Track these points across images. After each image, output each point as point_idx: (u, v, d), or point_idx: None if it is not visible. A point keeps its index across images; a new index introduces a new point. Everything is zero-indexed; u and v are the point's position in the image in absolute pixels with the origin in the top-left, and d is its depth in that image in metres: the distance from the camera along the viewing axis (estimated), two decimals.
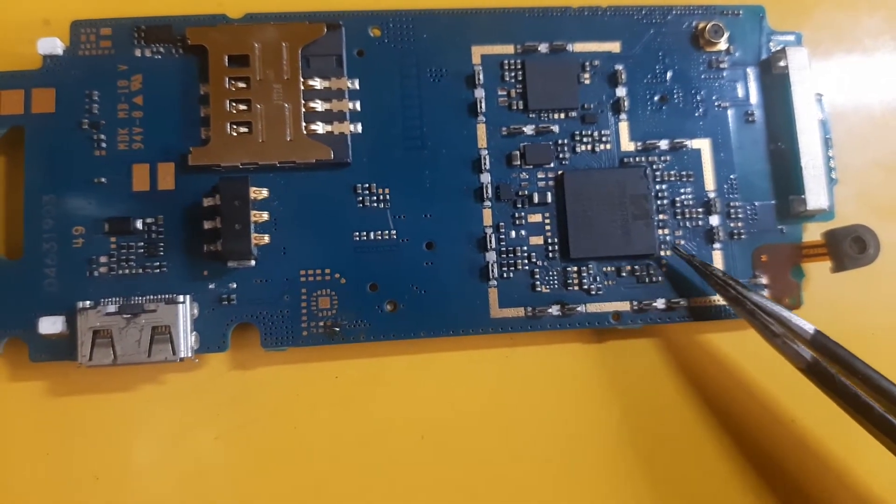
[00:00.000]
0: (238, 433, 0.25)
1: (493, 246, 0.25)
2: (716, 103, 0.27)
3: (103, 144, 0.25)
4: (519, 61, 0.26)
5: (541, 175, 0.26)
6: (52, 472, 0.24)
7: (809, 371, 0.21)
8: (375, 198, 0.25)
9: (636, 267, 0.26)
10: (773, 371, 0.26)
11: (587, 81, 0.27)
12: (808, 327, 0.22)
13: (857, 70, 0.30)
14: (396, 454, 0.25)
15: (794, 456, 0.26)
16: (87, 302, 0.23)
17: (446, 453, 0.25)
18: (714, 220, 0.26)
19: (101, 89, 0.25)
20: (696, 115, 0.27)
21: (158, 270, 0.24)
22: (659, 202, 0.26)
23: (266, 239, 0.24)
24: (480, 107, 0.26)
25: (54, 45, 0.25)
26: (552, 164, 0.26)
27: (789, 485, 0.25)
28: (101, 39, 0.25)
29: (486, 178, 0.26)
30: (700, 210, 0.26)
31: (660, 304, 0.26)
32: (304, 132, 0.25)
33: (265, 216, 0.25)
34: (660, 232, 0.26)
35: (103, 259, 0.24)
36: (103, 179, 0.25)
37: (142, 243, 0.24)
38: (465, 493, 0.25)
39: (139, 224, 0.24)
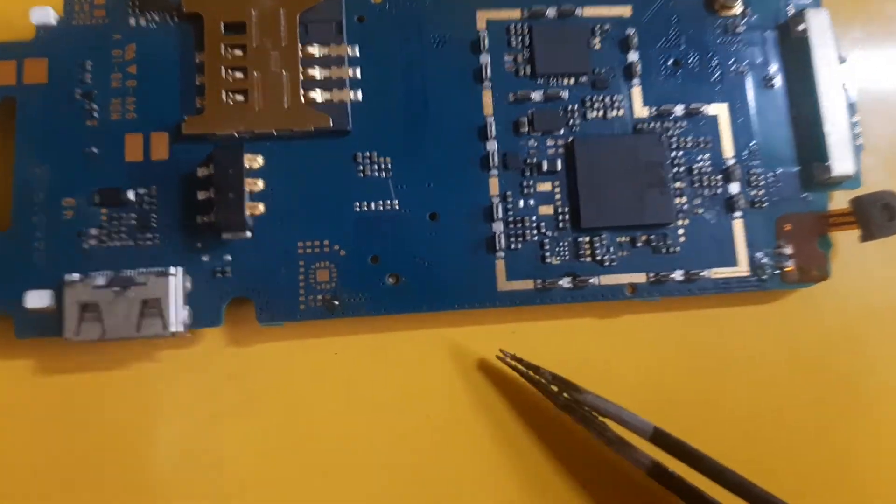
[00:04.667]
0: (235, 411, 0.24)
1: (500, 216, 0.24)
2: (732, 67, 0.26)
3: (95, 114, 0.24)
4: (526, 26, 0.26)
5: (550, 142, 0.25)
6: (40, 453, 0.23)
7: (651, 475, 0.21)
8: (377, 167, 0.24)
9: (652, 237, 0.25)
10: (798, 348, 0.24)
11: (597, 47, 0.26)
12: (647, 425, 0.22)
13: (880, 38, 0.29)
14: (400, 434, 0.24)
15: (815, 444, 0.24)
16: (75, 275, 0.22)
17: (452, 433, 0.24)
18: (734, 188, 0.25)
19: (95, 59, 0.25)
20: (713, 79, 0.26)
21: (150, 243, 0.24)
22: (675, 170, 0.25)
23: (261, 208, 0.24)
24: (486, 72, 0.25)
25: (47, 15, 0.24)
26: (562, 132, 0.25)
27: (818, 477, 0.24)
28: (95, 9, 0.25)
29: (492, 145, 0.25)
30: (719, 177, 0.25)
31: (678, 275, 0.24)
32: (302, 100, 0.24)
33: (260, 184, 0.24)
34: (677, 200, 0.25)
35: (94, 231, 0.24)
36: (95, 149, 0.24)
37: (133, 215, 0.24)
38: (472, 474, 0.24)
39: (131, 195, 0.24)
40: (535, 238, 0.24)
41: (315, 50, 0.25)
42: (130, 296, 0.22)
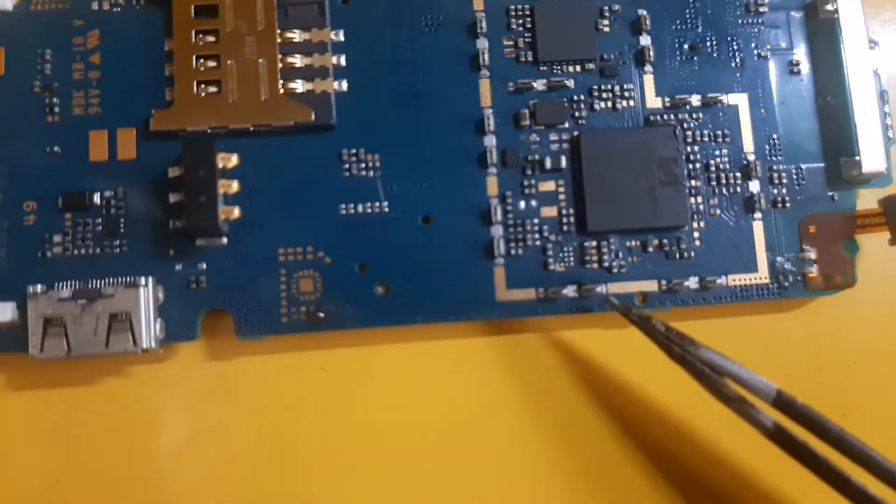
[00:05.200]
0: (213, 431, 0.22)
1: (499, 219, 0.23)
2: (755, 52, 0.24)
3: (56, 109, 0.23)
4: (527, 7, 0.24)
5: (553, 137, 0.23)
6: (6, 475, 0.22)
7: (774, 438, 0.19)
8: (364, 165, 0.23)
9: (664, 241, 0.23)
10: (821, 361, 0.23)
11: (606, 29, 0.24)
12: (770, 387, 0.20)
13: None
14: (392, 455, 0.23)
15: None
16: (39, 286, 0.21)
17: (449, 453, 0.23)
18: (754, 187, 0.24)
19: (55, 48, 0.23)
20: (733, 65, 0.24)
21: (119, 250, 0.22)
22: (690, 166, 0.24)
23: (236, 212, 0.22)
24: (483, 59, 0.23)
25: (3, 0, 0.23)
26: (567, 125, 0.24)
27: None
28: None
29: (490, 141, 0.23)
30: (738, 175, 0.24)
31: (692, 283, 0.23)
32: (281, 91, 0.23)
33: (235, 186, 0.22)
34: (692, 200, 0.23)
35: (57, 238, 0.22)
36: (57, 149, 0.23)
37: (100, 220, 0.22)
38: (469, 497, 0.22)
39: (97, 198, 0.22)
40: (538, 243, 0.23)
41: (295, 35, 0.23)
42: (98, 309, 0.21)
